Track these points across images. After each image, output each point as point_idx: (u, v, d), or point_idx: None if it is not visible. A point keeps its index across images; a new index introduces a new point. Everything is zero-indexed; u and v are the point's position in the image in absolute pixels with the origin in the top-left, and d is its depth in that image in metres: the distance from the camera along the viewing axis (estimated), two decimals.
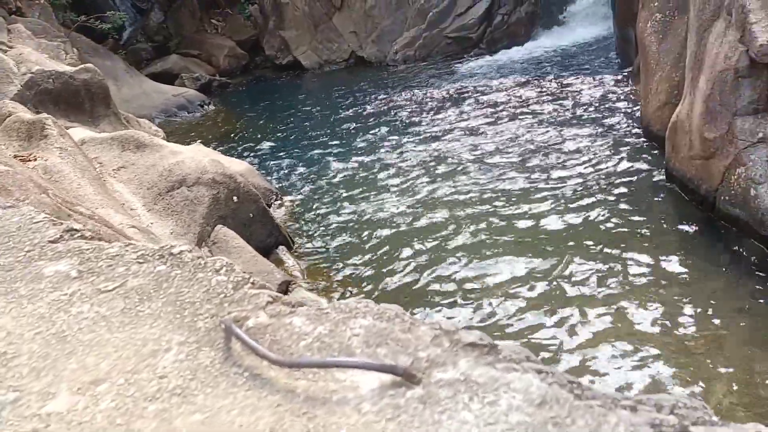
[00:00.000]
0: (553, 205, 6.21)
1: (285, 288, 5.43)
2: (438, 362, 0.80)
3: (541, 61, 13.51)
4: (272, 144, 10.47)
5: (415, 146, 8.76)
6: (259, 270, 5.44)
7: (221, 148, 10.43)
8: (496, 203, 6.51)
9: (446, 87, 12.35)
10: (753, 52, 4.60)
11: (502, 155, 7.88)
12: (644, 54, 7.47)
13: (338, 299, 5.21)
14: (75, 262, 1.11)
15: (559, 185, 6.69)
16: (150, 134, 9.15)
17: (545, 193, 6.53)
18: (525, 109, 9.78)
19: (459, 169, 7.56)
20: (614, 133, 8.03)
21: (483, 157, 7.92)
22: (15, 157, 5.43)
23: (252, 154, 10.01)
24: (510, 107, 10.05)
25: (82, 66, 9.66)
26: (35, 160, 5.50)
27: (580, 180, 6.75)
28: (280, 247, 6.29)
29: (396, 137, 9.45)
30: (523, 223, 5.94)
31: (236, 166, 7.53)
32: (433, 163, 7.95)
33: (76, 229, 1.28)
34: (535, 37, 15.52)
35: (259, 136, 11.13)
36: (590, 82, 10.72)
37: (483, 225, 6.03)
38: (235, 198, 6.04)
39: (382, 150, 8.92)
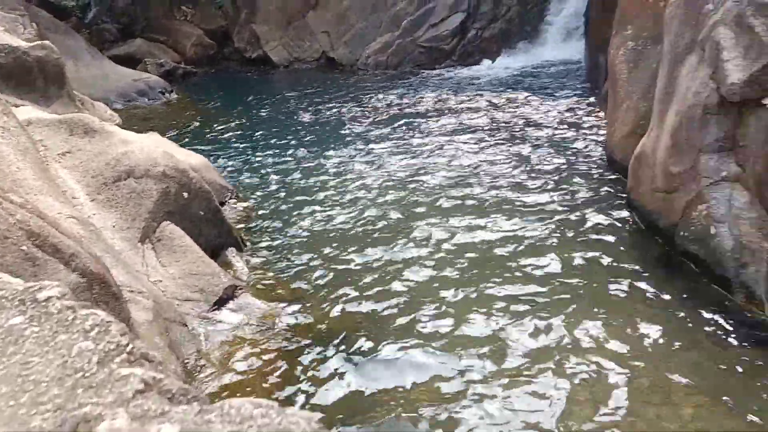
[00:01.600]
0: (507, 230, 6.09)
1: (231, 292, 5.19)
2: None
3: (510, 79, 13.52)
4: (233, 139, 10.17)
5: (372, 157, 8.58)
6: (204, 272, 5.19)
7: (179, 138, 10.09)
8: (449, 223, 6.36)
9: (413, 97, 12.24)
10: (724, 90, 4.56)
11: (460, 172, 7.77)
12: (613, 81, 7.46)
13: (286, 308, 4.99)
14: None
15: (515, 209, 6.60)
16: (104, 119, 8.77)
17: (500, 217, 6.42)
18: (490, 127, 9.72)
19: (410, 185, 7.37)
20: (577, 158, 8.00)
21: (439, 175, 7.78)
22: None
23: (210, 148, 9.69)
24: (474, 124, 9.97)
25: (38, 42, 9.20)
26: None
27: (537, 204, 6.66)
28: (231, 248, 6.04)
29: (357, 145, 9.26)
30: (474, 246, 5.81)
31: (191, 159, 7.24)
32: (387, 176, 7.78)
33: None
34: (508, 54, 15.54)
35: (220, 129, 10.80)
36: (557, 104, 10.74)
37: (433, 246, 5.88)
38: (185, 194, 5.76)
39: (344, 157, 8.72)
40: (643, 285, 4.94)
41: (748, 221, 4.61)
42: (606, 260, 5.40)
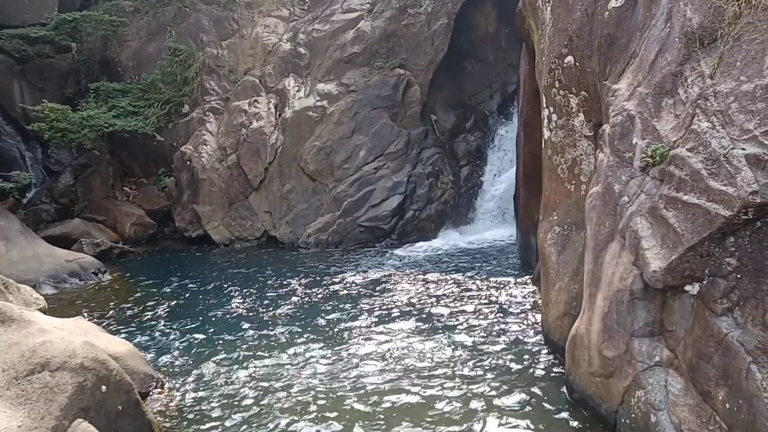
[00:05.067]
0: (443, 410, 5.91)
1: None
2: None
3: (448, 257, 13.86)
4: (166, 321, 9.79)
5: (309, 344, 8.33)
6: None
7: (107, 322, 9.66)
8: (391, 408, 6.11)
9: (354, 276, 12.31)
10: (647, 276, 4.72)
11: (401, 352, 7.63)
12: (544, 263, 7.69)
13: None
14: None
15: (452, 390, 6.44)
16: (28, 303, 8.36)
17: (437, 398, 6.24)
18: (428, 306, 9.73)
19: (346, 374, 7.11)
20: (514, 338, 7.99)
21: (383, 356, 7.62)
22: None
23: (139, 331, 9.27)
24: (412, 302, 9.98)
25: None
26: None
27: (474, 387, 6.51)
28: None
29: (293, 329, 9.04)
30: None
31: (115, 346, 6.87)
32: (330, 362, 7.54)
33: None
34: (444, 234, 16.12)
35: (151, 311, 10.44)
36: (494, 282, 10.94)
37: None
38: (103, 387, 5.37)
39: (282, 343, 8.45)
40: None
41: (686, 408, 4.56)
42: None
